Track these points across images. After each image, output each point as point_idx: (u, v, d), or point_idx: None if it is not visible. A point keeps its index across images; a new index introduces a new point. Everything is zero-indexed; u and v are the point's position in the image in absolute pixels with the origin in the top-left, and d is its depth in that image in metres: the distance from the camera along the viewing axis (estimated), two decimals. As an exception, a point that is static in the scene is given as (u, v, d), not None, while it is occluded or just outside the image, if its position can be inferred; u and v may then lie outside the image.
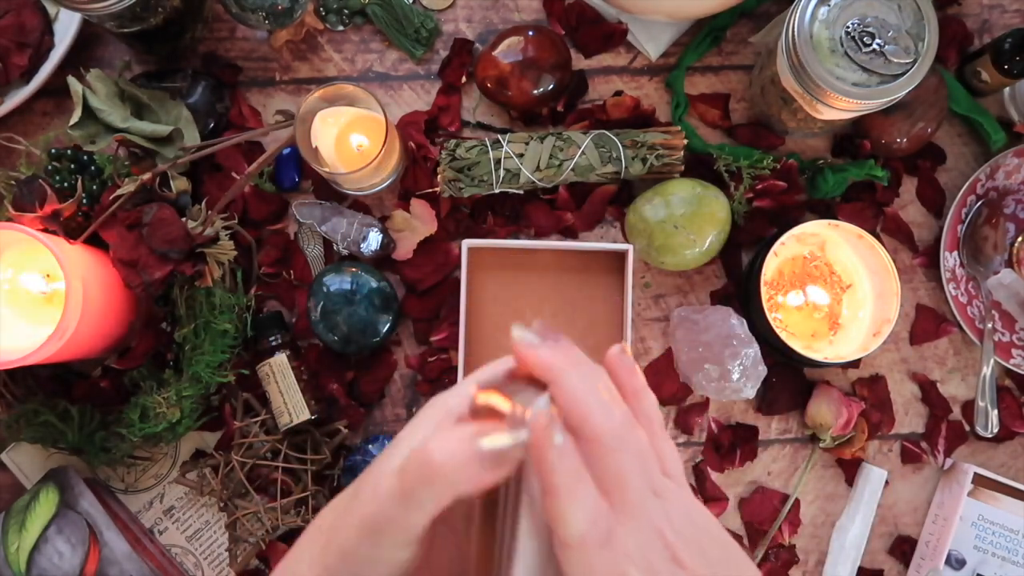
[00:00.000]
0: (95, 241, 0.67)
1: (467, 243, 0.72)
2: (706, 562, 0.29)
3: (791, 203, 0.75)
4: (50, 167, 0.69)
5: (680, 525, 0.30)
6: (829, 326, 0.75)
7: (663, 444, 0.32)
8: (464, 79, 0.78)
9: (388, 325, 0.73)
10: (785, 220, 0.76)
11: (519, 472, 0.31)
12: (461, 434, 0.29)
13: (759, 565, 0.76)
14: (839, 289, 0.76)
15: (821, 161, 0.77)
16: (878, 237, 0.77)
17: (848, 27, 0.62)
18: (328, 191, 0.77)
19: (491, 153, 0.72)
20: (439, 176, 0.73)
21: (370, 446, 0.74)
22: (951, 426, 0.77)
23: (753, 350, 0.72)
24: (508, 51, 0.73)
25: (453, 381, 0.75)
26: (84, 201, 0.67)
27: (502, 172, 0.72)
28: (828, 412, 0.74)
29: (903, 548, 0.77)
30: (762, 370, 0.72)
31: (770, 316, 0.71)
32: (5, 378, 0.70)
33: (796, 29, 0.62)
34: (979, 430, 0.75)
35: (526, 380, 0.32)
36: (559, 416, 0.29)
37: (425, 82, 0.78)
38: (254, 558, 0.73)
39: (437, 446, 0.29)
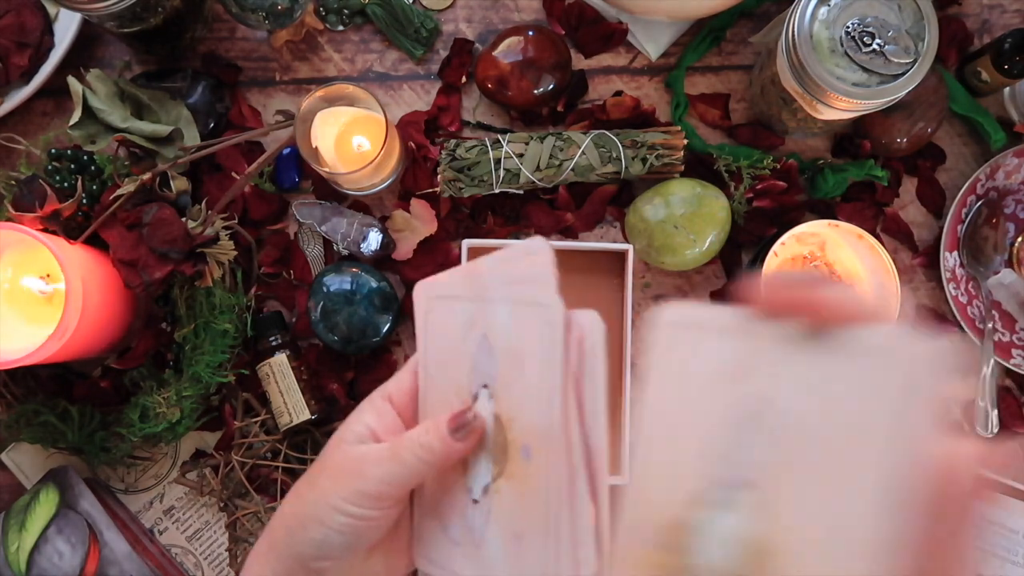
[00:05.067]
0: (95, 241, 0.67)
1: (467, 243, 0.72)
2: None
3: (791, 203, 0.75)
4: (50, 167, 0.69)
5: None
6: (829, 326, 0.75)
7: None
8: (464, 79, 0.78)
9: (388, 325, 0.73)
10: (785, 220, 0.76)
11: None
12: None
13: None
14: (839, 289, 0.76)
15: (821, 161, 0.77)
16: (878, 237, 0.76)
17: (848, 27, 0.62)
18: (328, 191, 0.77)
19: (491, 153, 0.72)
20: (439, 176, 0.73)
21: (370, 446, 0.74)
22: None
23: (753, 350, 0.72)
24: (508, 51, 0.73)
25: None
26: (84, 201, 0.67)
27: (502, 172, 0.72)
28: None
29: (903, 548, 0.77)
30: (762, 370, 0.72)
31: (770, 316, 0.71)
32: (5, 378, 0.70)
33: (796, 29, 0.62)
34: (979, 430, 0.75)
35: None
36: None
37: (425, 82, 0.78)
38: (254, 558, 0.73)
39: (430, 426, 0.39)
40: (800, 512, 0.23)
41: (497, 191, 0.73)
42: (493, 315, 0.38)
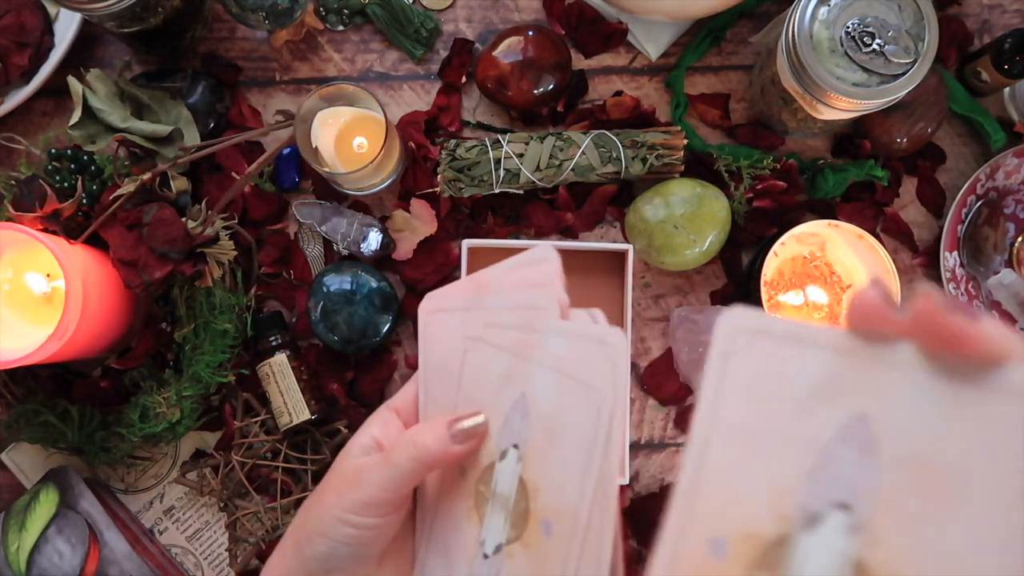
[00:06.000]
0: (95, 241, 0.67)
1: (467, 243, 0.72)
2: None
3: (791, 203, 0.75)
4: (50, 167, 0.69)
5: None
6: (829, 326, 0.75)
7: None
8: (464, 79, 0.78)
9: (388, 325, 0.73)
10: (785, 220, 0.76)
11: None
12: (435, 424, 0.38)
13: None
14: (839, 289, 0.76)
15: (821, 161, 0.77)
16: (878, 237, 0.76)
17: (848, 27, 0.62)
18: (328, 191, 0.77)
19: (491, 153, 0.72)
20: (439, 176, 0.73)
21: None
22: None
23: (753, 350, 0.72)
24: (508, 51, 0.73)
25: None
26: (84, 201, 0.67)
27: (502, 172, 0.72)
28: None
29: (903, 548, 0.77)
30: (762, 370, 0.72)
31: (770, 316, 0.71)
32: (5, 378, 0.70)
33: (796, 29, 0.62)
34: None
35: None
36: None
37: (425, 82, 0.78)
38: (254, 558, 0.73)
39: (419, 430, 0.38)
40: (910, 542, 0.22)
41: (497, 191, 0.73)
42: (536, 378, 0.36)
